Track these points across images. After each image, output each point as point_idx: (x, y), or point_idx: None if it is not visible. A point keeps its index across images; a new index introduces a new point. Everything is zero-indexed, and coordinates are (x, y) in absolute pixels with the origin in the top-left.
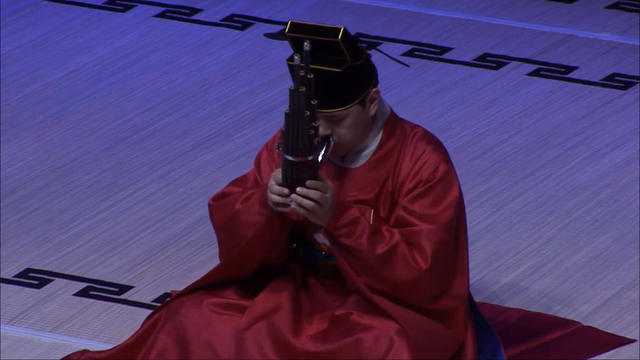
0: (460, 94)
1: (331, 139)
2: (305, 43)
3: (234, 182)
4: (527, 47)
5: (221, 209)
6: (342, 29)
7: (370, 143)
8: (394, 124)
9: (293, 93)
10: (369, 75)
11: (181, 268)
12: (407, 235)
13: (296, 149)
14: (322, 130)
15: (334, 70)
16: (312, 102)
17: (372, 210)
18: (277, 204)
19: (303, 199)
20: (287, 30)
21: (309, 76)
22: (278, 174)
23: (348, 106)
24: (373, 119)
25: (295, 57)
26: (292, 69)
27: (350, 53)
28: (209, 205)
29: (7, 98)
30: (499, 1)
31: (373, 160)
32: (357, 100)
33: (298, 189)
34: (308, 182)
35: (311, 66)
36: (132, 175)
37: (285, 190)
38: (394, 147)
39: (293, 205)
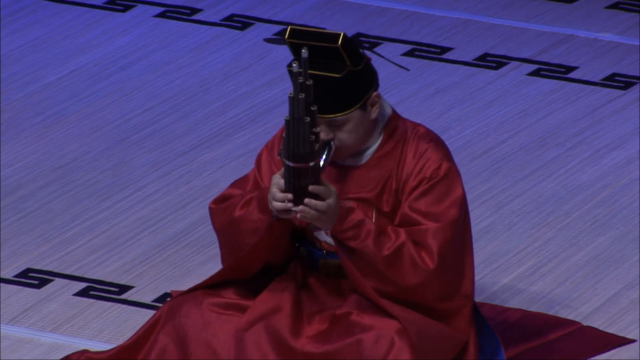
0: (460, 94)
1: (332, 143)
2: (303, 50)
3: (234, 184)
4: (527, 47)
5: (222, 213)
6: (341, 35)
7: (371, 144)
8: (395, 124)
9: (292, 100)
10: (370, 80)
11: (181, 268)
12: (413, 234)
13: (297, 155)
14: (323, 135)
15: (334, 75)
16: (312, 108)
17: (375, 209)
18: (281, 212)
19: (308, 209)
20: (286, 36)
21: (307, 82)
22: (280, 180)
23: (349, 111)
24: (375, 122)
25: (294, 65)
26: (292, 75)
27: (351, 58)
28: (210, 209)
29: (7, 98)
30: (498, 1)
31: (375, 158)
32: (358, 105)
33: (306, 201)
34: (311, 188)
35: (311, 72)
36: (132, 175)
37: (289, 196)
38: (396, 146)
39: (298, 216)
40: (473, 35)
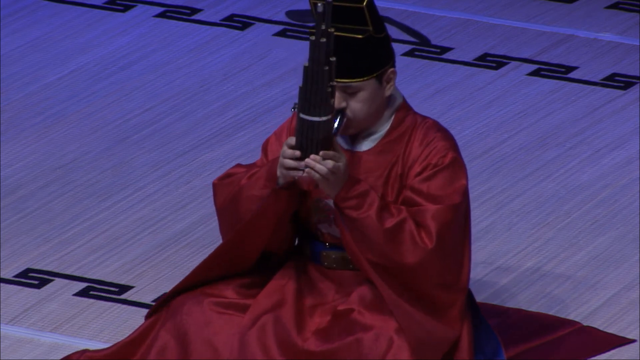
0: (460, 94)
1: (345, 112)
2: None
3: (239, 165)
4: (527, 47)
5: (225, 187)
6: None
7: (381, 127)
8: (405, 112)
9: (313, 44)
10: (388, 53)
11: (181, 268)
12: (414, 214)
13: (313, 105)
14: (337, 103)
15: (356, 37)
16: (330, 59)
17: (380, 196)
18: (289, 168)
19: (317, 164)
20: None
21: (329, 30)
22: (291, 139)
23: (365, 78)
24: (387, 102)
25: (319, 5)
26: (315, 17)
27: (373, 23)
28: (214, 185)
29: (7, 98)
30: (498, 1)
31: (382, 143)
32: (375, 74)
33: (312, 156)
34: (322, 153)
35: (334, 32)
36: (132, 175)
37: (298, 153)
38: (404, 133)
39: (307, 170)
40: (473, 35)
